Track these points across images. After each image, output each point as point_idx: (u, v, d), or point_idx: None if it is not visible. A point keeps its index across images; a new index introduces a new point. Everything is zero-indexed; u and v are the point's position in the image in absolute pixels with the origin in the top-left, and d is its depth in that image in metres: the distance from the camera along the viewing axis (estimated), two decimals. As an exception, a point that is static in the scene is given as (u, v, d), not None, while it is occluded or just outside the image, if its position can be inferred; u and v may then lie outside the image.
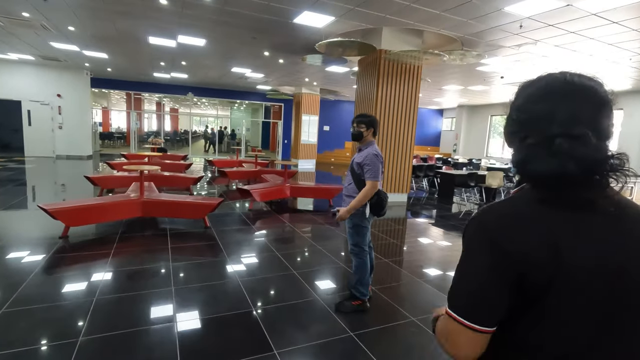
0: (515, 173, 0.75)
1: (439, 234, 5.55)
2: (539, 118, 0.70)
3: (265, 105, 18.40)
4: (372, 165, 2.66)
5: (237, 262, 3.77)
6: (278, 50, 8.44)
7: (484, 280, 0.67)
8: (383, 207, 2.75)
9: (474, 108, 17.78)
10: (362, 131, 2.81)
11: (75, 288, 2.99)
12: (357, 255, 2.85)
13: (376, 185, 2.67)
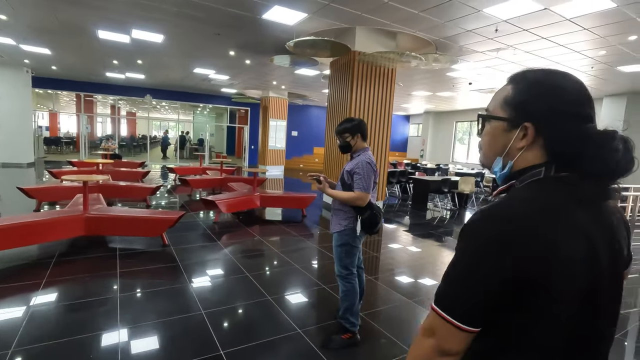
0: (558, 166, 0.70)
1: (423, 245, 5.27)
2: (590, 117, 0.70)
3: (231, 110, 17.65)
4: (364, 174, 2.29)
5: (201, 288, 3.21)
6: (245, 50, 7.91)
7: (486, 284, 0.64)
8: (377, 224, 2.37)
9: (440, 114, 18.14)
10: (349, 141, 2.44)
11: (-15, 337, 2.32)
12: (345, 280, 2.44)
13: (365, 198, 2.29)
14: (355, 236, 2.38)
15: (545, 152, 0.71)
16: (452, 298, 0.67)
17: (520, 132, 0.72)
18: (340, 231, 2.40)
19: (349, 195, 2.31)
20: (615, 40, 5.67)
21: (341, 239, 2.40)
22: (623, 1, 4.27)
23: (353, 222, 2.36)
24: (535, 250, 0.61)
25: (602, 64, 7.07)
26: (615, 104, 10.38)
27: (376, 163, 2.60)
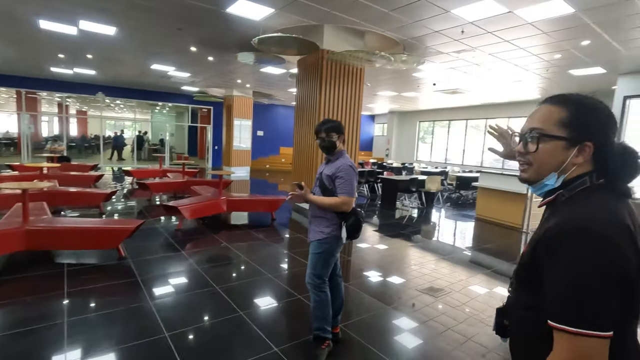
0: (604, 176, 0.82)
1: (399, 246, 5.22)
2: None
3: (192, 109, 16.89)
4: (347, 178, 2.15)
5: (164, 306, 2.90)
6: (207, 46, 7.51)
7: (620, 285, 0.68)
8: (360, 229, 2.26)
9: (404, 114, 18.51)
10: (335, 140, 2.26)
11: None
12: (318, 289, 2.27)
13: (350, 202, 2.16)
14: (337, 244, 2.25)
15: (590, 164, 0.84)
16: (596, 312, 0.67)
17: (578, 149, 0.82)
18: (321, 239, 2.23)
19: (334, 200, 2.17)
20: (569, 45, 5.97)
21: (321, 247, 2.24)
22: (580, 7, 4.46)
23: (337, 230, 2.21)
24: (636, 245, 0.71)
25: (556, 67, 7.46)
26: (565, 105, 11.05)
27: None
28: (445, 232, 6.51)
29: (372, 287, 3.58)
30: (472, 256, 4.92)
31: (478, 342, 2.62)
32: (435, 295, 3.43)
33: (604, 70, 7.44)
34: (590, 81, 8.49)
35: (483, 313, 3.10)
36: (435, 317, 2.98)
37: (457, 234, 6.48)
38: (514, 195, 6.82)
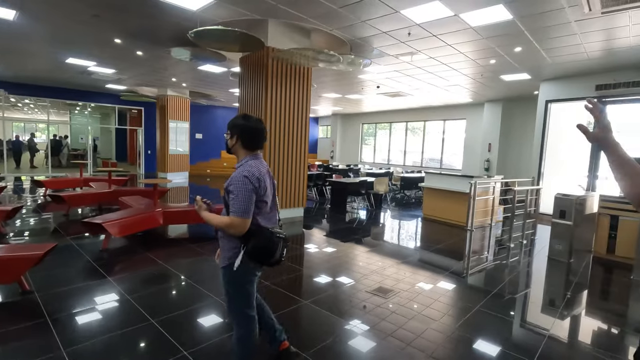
0: None
1: (353, 250, 5.00)
2: None
3: (120, 109, 15.25)
4: (238, 192, 1.72)
5: (83, 356, 2.30)
6: (135, 38, 6.66)
7: None
8: (271, 254, 1.79)
9: (347, 116, 18.72)
10: (227, 140, 1.90)
11: None
12: (238, 324, 1.90)
13: (239, 225, 1.72)
14: (246, 272, 1.83)
15: None
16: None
17: None
18: (225, 266, 1.83)
19: (221, 221, 1.76)
20: (503, 51, 6.31)
21: (227, 276, 1.84)
22: (518, 14, 4.67)
23: (234, 254, 1.80)
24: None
25: (490, 72, 7.93)
26: (493, 109, 11.96)
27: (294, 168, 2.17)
28: (396, 233, 6.50)
29: (329, 304, 3.29)
30: (424, 256, 4.90)
31: (425, 338, 2.70)
32: (386, 296, 3.39)
33: (530, 77, 8.08)
34: (517, 86, 9.20)
35: (430, 308, 3.22)
36: (386, 317, 3.00)
37: (409, 234, 6.51)
38: (458, 195, 7.06)
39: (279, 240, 1.80)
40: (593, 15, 4.51)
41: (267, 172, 1.89)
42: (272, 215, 1.91)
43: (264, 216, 1.84)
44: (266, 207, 1.85)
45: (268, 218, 1.87)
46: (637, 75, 6.84)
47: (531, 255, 5.31)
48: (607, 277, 4.60)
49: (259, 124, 1.88)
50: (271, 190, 1.89)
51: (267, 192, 1.83)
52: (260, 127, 1.88)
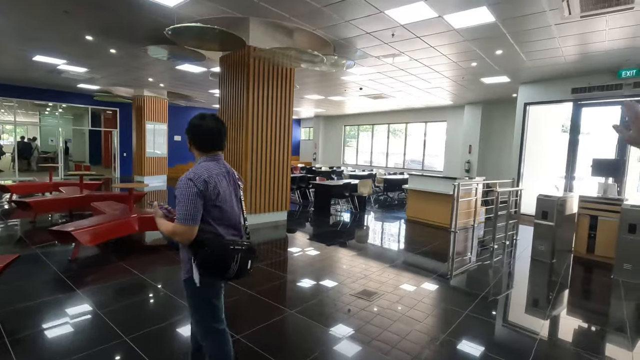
0: None
1: (341, 256, 4.88)
2: None
3: (93, 110, 14.63)
4: (181, 197, 1.56)
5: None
6: (108, 36, 6.35)
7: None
8: (225, 267, 1.57)
9: (329, 118, 18.67)
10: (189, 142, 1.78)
11: None
12: (210, 343, 1.77)
13: (183, 233, 1.55)
14: (207, 285, 1.67)
15: None
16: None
17: None
18: (185, 279, 1.69)
19: (167, 228, 1.62)
20: (485, 53, 6.37)
21: (188, 289, 1.70)
22: (500, 16, 4.69)
23: (191, 266, 1.66)
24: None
25: (471, 75, 8.01)
26: (473, 112, 12.16)
27: (277, 171, 2.05)
28: (381, 236, 6.43)
29: (316, 314, 3.16)
30: (409, 258, 4.84)
31: (411, 340, 2.69)
32: (370, 299, 3.36)
33: (509, 79, 8.22)
34: (496, 89, 9.35)
35: (414, 309, 3.23)
36: (371, 320, 2.97)
37: (393, 236, 6.45)
38: (441, 196, 7.08)
39: (234, 251, 1.58)
40: (572, 19, 4.58)
41: (225, 174, 1.70)
42: (234, 223, 1.71)
43: (222, 223, 1.65)
44: (223, 213, 1.65)
45: (228, 225, 1.68)
46: (610, 79, 7.06)
47: (515, 257, 5.34)
48: (590, 277, 4.67)
49: (213, 123, 1.69)
50: (231, 194, 1.70)
51: (222, 197, 1.63)
52: (212, 127, 1.69)
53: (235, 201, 1.73)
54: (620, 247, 4.48)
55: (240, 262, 1.59)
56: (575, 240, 5.41)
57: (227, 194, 1.67)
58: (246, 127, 5.99)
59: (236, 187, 1.76)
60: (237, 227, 1.74)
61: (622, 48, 5.74)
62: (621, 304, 3.72)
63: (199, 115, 1.74)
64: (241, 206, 1.78)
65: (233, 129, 6.38)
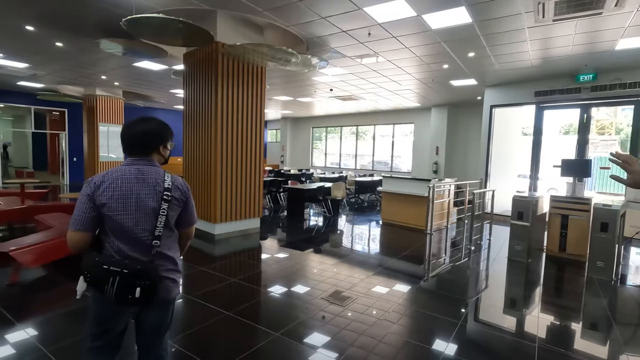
0: None
1: (320, 263, 4.60)
2: None
3: (37, 111, 13.27)
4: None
5: None
6: (53, 26, 5.64)
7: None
8: (100, 288, 1.36)
9: (297, 120, 18.37)
10: None
11: None
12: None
13: (69, 237, 1.40)
14: (95, 301, 1.50)
15: None
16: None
17: None
18: None
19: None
20: (458, 56, 6.41)
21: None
22: (478, 18, 4.67)
23: None
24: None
25: (442, 77, 8.09)
26: (440, 114, 12.42)
27: (249, 175, 1.80)
28: (358, 240, 6.25)
29: (294, 320, 2.87)
30: (389, 262, 4.68)
31: (388, 343, 2.68)
32: (343, 304, 3.15)
33: (476, 82, 8.40)
34: (464, 91, 9.56)
35: (389, 311, 3.20)
36: (346, 326, 2.91)
37: (371, 240, 6.30)
38: (415, 198, 7.04)
39: (108, 273, 1.34)
40: (544, 22, 4.66)
41: (138, 182, 1.45)
42: (133, 238, 1.44)
43: (120, 236, 1.43)
44: (117, 225, 1.41)
45: (128, 241, 1.43)
46: (570, 83, 7.40)
47: (492, 257, 5.36)
48: (567, 276, 4.74)
49: (133, 126, 1.52)
50: (136, 204, 1.42)
51: (113, 205, 1.40)
52: (127, 131, 1.52)
53: (142, 214, 1.43)
54: (592, 245, 4.59)
55: (118, 287, 1.34)
56: (548, 239, 5.54)
57: (125, 203, 1.41)
58: (215, 129, 5.55)
59: (154, 199, 1.45)
60: (139, 245, 1.44)
61: (583, 53, 5.99)
62: (600, 301, 3.77)
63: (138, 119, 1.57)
64: (157, 221, 1.46)
65: (200, 132, 5.91)
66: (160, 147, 1.57)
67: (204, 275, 4.08)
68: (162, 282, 1.49)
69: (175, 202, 1.51)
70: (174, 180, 1.53)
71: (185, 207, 1.58)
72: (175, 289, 1.58)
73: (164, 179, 1.50)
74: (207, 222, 5.81)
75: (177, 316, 3.10)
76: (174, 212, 1.53)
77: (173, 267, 1.57)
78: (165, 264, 1.52)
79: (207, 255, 5.02)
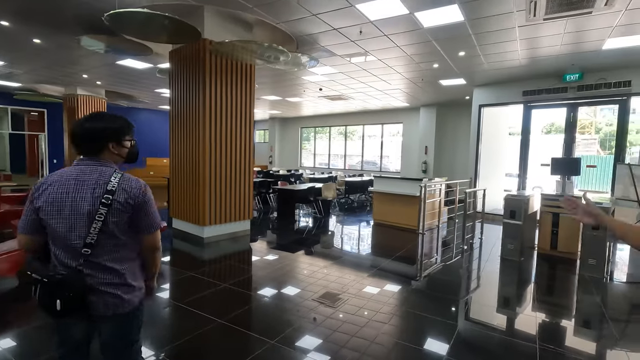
0: None
1: (314, 266, 4.49)
2: None
3: (14, 111, 12.76)
4: None
5: None
6: (30, 21, 5.37)
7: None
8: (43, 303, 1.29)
9: (285, 120, 18.21)
10: None
11: None
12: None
13: (18, 240, 1.41)
14: None
15: None
16: None
17: None
18: None
19: None
20: (448, 55, 6.39)
21: None
22: (470, 16, 4.64)
23: None
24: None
25: (431, 77, 8.08)
26: (428, 113, 12.47)
27: (238, 176, 1.71)
28: (351, 242, 6.17)
29: (290, 326, 2.76)
30: (384, 263, 4.61)
31: (380, 343, 2.67)
32: (334, 306, 3.02)
33: (465, 82, 8.44)
34: (452, 91, 9.59)
35: (380, 312, 3.17)
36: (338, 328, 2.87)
37: (363, 241, 6.23)
38: (407, 198, 7.01)
39: (34, 281, 1.29)
40: (535, 21, 4.67)
41: (77, 183, 1.32)
42: (65, 244, 1.31)
43: (55, 242, 1.34)
44: (51, 230, 1.32)
45: (62, 246, 1.33)
46: (557, 82, 7.49)
47: (484, 256, 5.35)
48: (559, 274, 4.75)
49: (80, 124, 1.39)
50: (71, 208, 1.30)
51: (47, 209, 1.30)
52: (73, 129, 1.39)
53: (77, 219, 1.30)
54: (584, 243, 4.62)
55: (40, 296, 1.28)
56: (539, 237, 5.57)
57: (60, 206, 1.30)
58: (202, 129, 5.38)
59: (90, 202, 1.30)
60: (72, 252, 1.32)
61: (570, 53, 6.06)
62: (595, 298, 3.78)
63: None
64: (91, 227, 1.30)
65: (187, 133, 5.73)
66: (111, 144, 1.40)
67: (193, 280, 3.92)
68: (99, 296, 1.34)
69: (119, 206, 1.33)
70: (122, 182, 1.35)
71: (136, 213, 1.37)
72: (121, 306, 1.38)
73: (109, 180, 1.34)
74: (196, 225, 5.63)
75: (165, 325, 2.95)
76: (118, 218, 1.33)
77: (116, 281, 1.36)
78: (102, 276, 1.34)
79: (196, 260, 4.85)
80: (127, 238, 1.39)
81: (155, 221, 1.44)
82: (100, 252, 1.33)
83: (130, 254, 1.42)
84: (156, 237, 1.46)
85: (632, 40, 5.31)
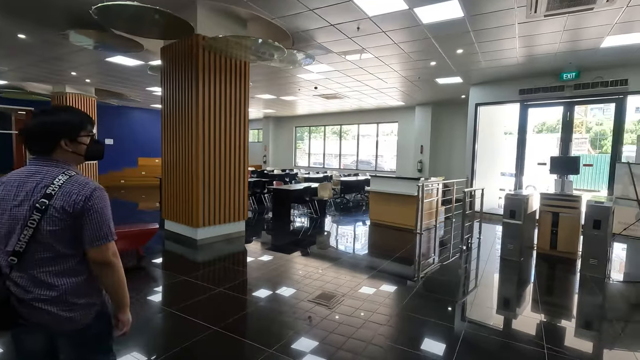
0: None
1: (311, 268, 4.36)
2: None
3: (1, 110, 12.42)
4: None
5: None
6: (14, 16, 5.16)
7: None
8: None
9: (279, 119, 18.05)
10: None
11: None
12: None
13: None
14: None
15: None
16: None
17: None
18: None
19: None
20: (446, 52, 6.31)
21: None
22: (470, 12, 4.55)
23: None
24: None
25: (428, 75, 8.00)
26: (424, 112, 12.40)
27: (233, 176, 1.63)
28: (348, 242, 6.05)
29: (290, 330, 2.63)
30: (382, 264, 4.50)
31: (376, 344, 2.63)
32: (331, 307, 3.04)
33: (461, 80, 8.37)
34: (448, 90, 9.53)
35: (376, 313, 3.12)
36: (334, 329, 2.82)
37: (360, 241, 6.11)
38: (404, 198, 6.92)
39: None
40: (536, 17, 4.59)
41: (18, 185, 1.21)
42: (1, 252, 1.22)
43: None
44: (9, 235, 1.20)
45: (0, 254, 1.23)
46: (553, 81, 7.46)
47: (484, 256, 5.27)
48: (560, 274, 4.69)
49: (30, 120, 1.27)
50: (7, 212, 1.20)
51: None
52: (23, 126, 1.29)
53: (13, 224, 1.18)
54: (585, 243, 4.56)
55: None
56: (539, 237, 5.51)
57: (2, 210, 1.21)
58: (195, 128, 5.23)
59: (25, 207, 1.18)
60: (4, 258, 1.22)
61: (568, 51, 6.01)
62: (598, 298, 3.72)
63: None
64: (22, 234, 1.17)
65: (179, 132, 5.56)
66: (63, 141, 1.26)
67: (186, 285, 3.77)
68: (31, 310, 1.19)
69: (56, 213, 1.17)
70: (65, 185, 1.20)
71: (77, 221, 1.20)
72: (61, 323, 1.22)
73: (51, 182, 1.19)
74: (189, 227, 5.47)
75: (156, 333, 2.81)
76: (55, 227, 1.17)
77: (50, 298, 1.19)
78: (33, 290, 1.18)
79: (189, 263, 4.70)
80: (71, 250, 1.22)
81: (102, 232, 1.24)
82: (31, 263, 1.18)
83: (77, 269, 1.24)
84: (103, 251, 1.25)
85: (631, 38, 5.27)
